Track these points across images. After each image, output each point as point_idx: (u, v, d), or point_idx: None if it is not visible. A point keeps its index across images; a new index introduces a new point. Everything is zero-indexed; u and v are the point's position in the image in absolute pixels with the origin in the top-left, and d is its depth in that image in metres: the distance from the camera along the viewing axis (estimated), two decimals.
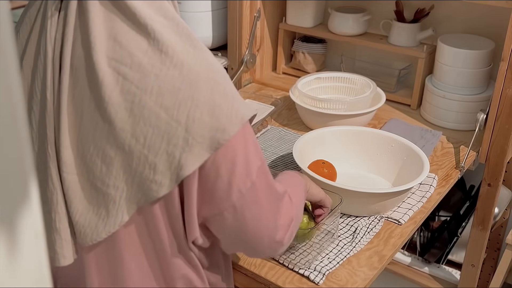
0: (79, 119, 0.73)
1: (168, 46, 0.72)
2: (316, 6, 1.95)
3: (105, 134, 0.72)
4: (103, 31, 0.71)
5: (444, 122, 1.68)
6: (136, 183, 0.73)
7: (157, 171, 0.72)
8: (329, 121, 1.57)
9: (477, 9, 1.70)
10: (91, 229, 0.75)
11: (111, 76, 0.70)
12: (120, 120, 0.71)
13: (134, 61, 0.71)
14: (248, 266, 1.15)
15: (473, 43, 1.65)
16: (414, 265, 1.89)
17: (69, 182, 0.74)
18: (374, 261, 1.16)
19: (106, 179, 0.73)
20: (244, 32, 1.88)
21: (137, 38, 0.71)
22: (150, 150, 0.71)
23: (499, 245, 1.91)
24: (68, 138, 0.74)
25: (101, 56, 0.70)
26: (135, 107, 0.70)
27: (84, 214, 0.75)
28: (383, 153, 1.43)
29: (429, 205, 1.35)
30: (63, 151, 0.74)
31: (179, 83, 0.71)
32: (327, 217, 1.16)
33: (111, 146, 0.72)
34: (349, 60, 1.97)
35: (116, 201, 0.74)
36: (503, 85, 1.42)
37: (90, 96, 0.72)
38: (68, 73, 0.72)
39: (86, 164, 0.74)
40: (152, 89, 0.70)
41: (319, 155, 1.42)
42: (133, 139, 0.71)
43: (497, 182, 1.53)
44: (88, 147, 0.73)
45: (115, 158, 0.72)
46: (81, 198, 0.75)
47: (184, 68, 0.72)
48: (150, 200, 0.74)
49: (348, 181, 1.28)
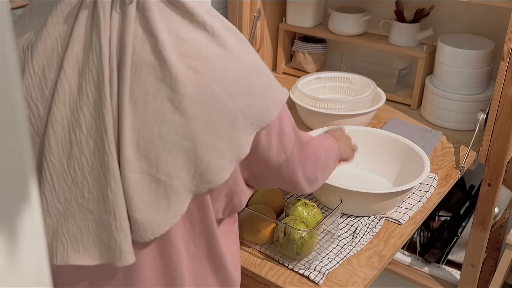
0: (141, 115, 0.74)
1: (226, 41, 0.77)
2: (316, 6, 1.95)
3: (174, 126, 0.74)
4: (164, 28, 0.74)
5: (444, 122, 1.68)
6: (200, 172, 0.77)
7: (222, 155, 0.77)
8: (329, 121, 1.57)
9: (477, 9, 1.70)
10: (152, 224, 0.77)
11: (183, 70, 0.74)
12: (193, 111, 0.74)
13: (202, 55, 0.75)
14: (248, 266, 1.15)
15: (473, 43, 1.65)
16: (414, 265, 1.89)
17: (130, 180, 0.75)
18: (374, 261, 1.16)
19: (171, 171, 0.76)
20: (244, 32, 1.88)
21: (198, 35, 0.76)
22: (218, 136, 0.76)
23: (499, 245, 1.91)
24: (130, 136, 0.75)
25: (170, 51, 0.73)
26: (207, 98, 0.75)
27: (144, 210, 0.76)
28: (384, 153, 1.43)
29: (429, 205, 1.35)
30: (125, 149, 0.74)
31: (240, 74, 0.78)
32: (327, 217, 1.16)
33: (180, 137, 0.75)
34: (349, 60, 1.97)
35: (178, 192, 0.77)
36: (503, 85, 1.42)
37: (156, 91, 0.74)
38: (128, 70, 0.73)
39: (149, 159, 0.75)
40: (221, 80, 0.76)
41: None
42: (205, 127, 0.75)
43: (497, 182, 1.53)
44: (153, 142, 0.75)
45: (183, 149, 0.75)
46: (142, 195, 0.76)
47: (240, 59, 0.78)
48: (215, 186, 0.78)
49: (348, 181, 1.28)
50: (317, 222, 1.17)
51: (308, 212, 1.18)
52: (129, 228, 0.77)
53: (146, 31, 0.74)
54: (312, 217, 1.17)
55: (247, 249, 1.19)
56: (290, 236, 1.11)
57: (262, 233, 1.17)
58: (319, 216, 1.19)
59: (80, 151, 0.74)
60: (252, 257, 1.17)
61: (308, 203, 1.20)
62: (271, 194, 1.26)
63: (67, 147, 0.74)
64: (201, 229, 0.84)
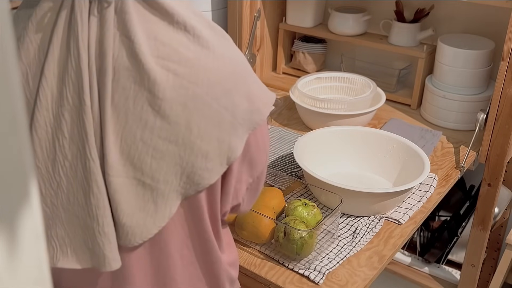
0: (123, 120, 0.74)
1: (209, 41, 0.76)
2: (316, 6, 1.95)
3: (156, 130, 0.74)
4: (142, 31, 0.73)
5: (444, 122, 1.68)
6: (186, 174, 0.76)
7: (209, 158, 0.76)
8: (329, 121, 1.57)
9: (477, 9, 1.70)
10: (140, 228, 0.77)
11: (161, 74, 0.73)
12: (174, 114, 0.73)
13: (181, 57, 0.74)
14: (248, 266, 1.15)
15: (473, 43, 1.65)
16: (414, 265, 1.89)
17: (115, 185, 0.75)
18: (374, 261, 1.16)
19: (156, 175, 0.75)
20: (244, 32, 1.88)
21: (177, 36, 0.74)
22: (203, 139, 0.75)
23: (499, 245, 1.91)
24: (112, 141, 0.74)
25: (148, 55, 0.72)
26: (189, 101, 0.74)
27: (131, 214, 0.76)
28: (384, 153, 1.43)
29: (429, 205, 1.35)
30: (109, 154, 0.74)
31: (224, 74, 0.77)
32: (327, 217, 1.16)
33: (163, 141, 0.74)
34: (349, 60, 1.97)
35: (165, 195, 0.76)
36: (503, 85, 1.42)
37: (136, 96, 0.73)
38: (108, 75, 0.72)
39: (134, 164, 0.75)
40: (203, 81, 0.75)
41: (319, 155, 1.42)
42: (188, 130, 0.74)
43: (497, 182, 1.53)
44: (136, 147, 0.74)
45: (167, 153, 0.75)
46: (128, 200, 0.76)
47: (225, 59, 0.77)
48: (202, 188, 0.77)
49: (348, 181, 1.28)
50: (317, 222, 1.17)
51: (308, 212, 1.18)
52: (113, 233, 0.76)
53: (123, 34, 0.72)
54: (312, 217, 1.17)
55: (247, 249, 1.19)
56: (290, 236, 1.11)
57: (262, 233, 1.17)
58: (319, 216, 1.19)
59: (64, 156, 0.74)
60: (252, 257, 1.17)
61: (308, 203, 1.20)
62: (271, 194, 1.26)
63: (51, 152, 0.74)
64: (194, 232, 0.83)
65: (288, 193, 1.35)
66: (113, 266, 0.77)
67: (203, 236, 0.84)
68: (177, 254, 0.83)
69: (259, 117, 0.80)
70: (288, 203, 1.23)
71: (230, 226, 1.22)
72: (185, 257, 0.84)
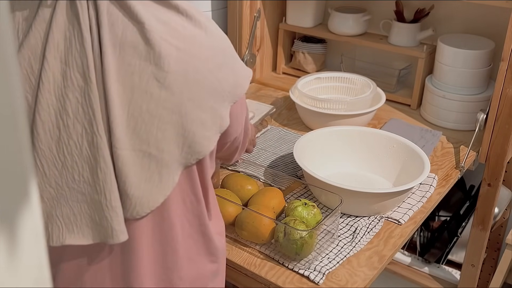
0: (128, 94, 0.78)
1: (200, 20, 0.83)
2: (316, 6, 1.95)
3: (161, 102, 0.78)
4: (145, 12, 0.78)
5: (444, 122, 1.68)
6: (188, 144, 0.81)
7: (207, 127, 0.82)
8: (329, 121, 1.57)
9: (477, 9, 1.70)
10: (147, 198, 0.81)
11: (167, 48, 0.78)
12: (178, 86, 0.79)
13: (180, 35, 0.80)
14: (248, 266, 1.15)
15: (473, 43, 1.65)
16: (414, 265, 1.89)
17: (123, 157, 0.78)
18: (374, 261, 1.16)
19: (161, 145, 0.80)
20: (244, 32, 1.88)
21: (174, 17, 0.81)
22: (202, 108, 0.81)
23: (499, 245, 1.91)
24: (119, 115, 0.78)
25: (154, 32, 0.78)
26: (190, 73, 0.80)
27: (138, 185, 0.80)
28: (384, 153, 1.43)
29: (429, 205, 1.35)
30: (115, 128, 0.77)
31: (215, 50, 0.84)
32: (327, 217, 1.16)
33: (168, 112, 0.79)
34: (349, 60, 1.97)
35: (169, 165, 0.81)
36: (503, 85, 1.42)
37: (142, 70, 0.78)
38: (111, 53, 0.77)
39: (140, 135, 0.79)
40: (201, 56, 0.81)
41: (319, 155, 1.42)
42: (190, 101, 0.80)
43: (497, 182, 1.53)
44: (143, 119, 0.78)
45: (171, 123, 0.80)
46: (135, 171, 0.79)
47: (215, 36, 0.85)
48: (202, 156, 0.83)
49: (348, 181, 1.28)
50: (317, 222, 1.17)
51: (308, 212, 1.18)
52: (120, 206, 0.80)
53: (127, 16, 0.78)
54: (312, 217, 1.17)
55: (247, 249, 1.19)
56: (290, 236, 1.11)
57: (262, 233, 1.17)
58: (319, 216, 1.19)
59: (68, 135, 0.77)
60: (252, 257, 1.17)
61: (308, 203, 1.20)
62: (271, 194, 1.26)
63: (55, 133, 0.77)
64: (192, 203, 0.88)
65: (288, 193, 1.35)
66: (121, 238, 0.80)
67: (197, 206, 0.89)
68: (179, 225, 0.88)
69: (240, 90, 0.87)
70: (288, 203, 1.23)
71: (230, 226, 1.22)
72: (185, 228, 0.89)
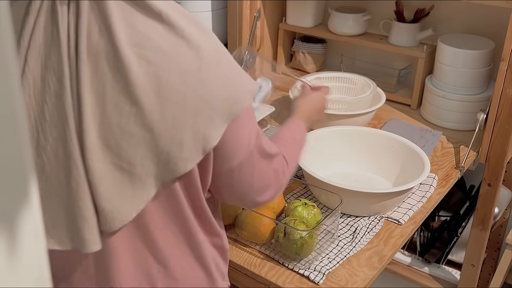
0: (101, 105, 0.75)
1: (183, 29, 0.77)
2: (316, 6, 1.95)
3: (132, 117, 0.75)
4: (120, 20, 0.75)
5: (444, 122, 1.68)
6: (162, 161, 0.77)
7: (184, 147, 0.77)
8: (329, 121, 1.57)
9: (477, 9, 1.70)
10: (119, 212, 0.78)
11: (136, 61, 0.74)
12: (148, 102, 0.74)
13: (154, 46, 0.75)
14: (248, 266, 1.15)
15: (473, 43, 1.65)
16: (414, 265, 1.89)
17: (95, 169, 0.76)
18: (374, 261, 1.16)
19: (133, 160, 0.77)
20: (244, 32, 1.88)
21: (153, 25, 0.76)
22: (178, 128, 0.76)
23: (499, 245, 1.91)
24: (91, 126, 0.76)
25: (124, 42, 0.74)
26: (162, 89, 0.74)
27: (110, 199, 0.77)
28: (384, 153, 1.43)
29: (429, 205, 1.35)
30: (87, 139, 0.75)
31: (199, 63, 0.77)
32: (327, 217, 1.16)
33: (139, 128, 0.75)
34: (349, 60, 1.97)
35: (142, 179, 0.78)
36: (503, 85, 1.42)
37: (113, 82, 0.75)
38: (86, 62, 0.74)
39: (111, 149, 0.76)
40: (176, 70, 0.75)
41: (319, 155, 1.42)
42: (162, 119, 0.75)
43: (497, 182, 1.53)
44: (113, 132, 0.76)
45: (143, 140, 0.76)
46: (107, 184, 0.77)
47: (201, 48, 0.77)
48: (177, 176, 0.79)
49: (348, 181, 1.28)
50: (317, 222, 1.17)
51: (308, 212, 1.18)
52: (93, 217, 0.78)
53: (102, 22, 0.74)
54: (312, 217, 1.17)
55: (247, 249, 1.19)
56: (290, 236, 1.11)
57: (262, 233, 1.17)
58: (319, 216, 1.19)
59: (46, 140, 0.76)
60: (252, 257, 1.17)
61: (308, 203, 1.20)
62: None
63: (34, 137, 0.76)
64: (175, 217, 0.85)
65: (288, 193, 1.35)
66: (92, 248, 0.78)
67: (183, 221, 0.86)
68: (161, 238, 0.85)
69: (238, 107, 0.79)
70: (288, 203, 1.23)
71: (230, 226, 1.22)
72: (170, 240, 0.87)
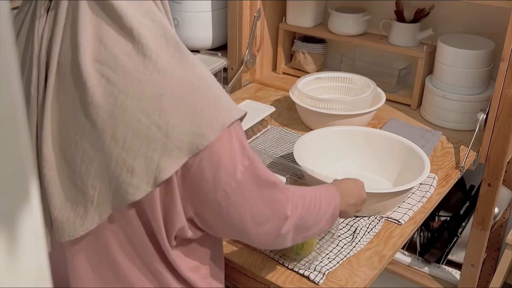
0: (63, 116, 0.75)
1: (152, 50, 0.73)
2: (316, 6, 1.95)
3: (86, 134, 0.73)
4: (90, 32, 0.72)
5: (444, 122, 1.68)
6: (113, 186, 0.74)
7: (135, 174, 0.73)
8: (329, 121, 1.57)
9: (477, 9, 1.70)
10: (69, 226, 0.77)
11: (94, 77, 0.71)
12: (101, 121, 0.72)
13: (118, 65, 0.72)
14: (248, 266, 1.15)
15: (473, 43, 1.65)
16: (414, 265, 1.89)
17: (49, 178, 0.75)
18: (374, 261, 1.16)
19: (85, 178, 0.75)
20: (244, 32, 1.88)
21: (122, 41, 0.72)
22: (129, 153, 0.72)
23: (499, 245, 1.91)
24: (50, 135, 0.75)
25: (86, 57, 0.71)
26: (116, 110, 0.72)
27: (63, 210, 0.76)
28: (384, 153, 1.43)
29: (429, 205, 1.35)
30: (44, 147, 0.75)
31: (162, 89, 0.72)
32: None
33: (91, 147, 0.73)
34: (349, 60, 1.97)
35: (94, 201, 0.75)
36: (503, 85, 1.42)
37: (73, 95, 0.73)
38: (55, 71, 0.74)
39: (67, 161, 0.75)
40: (134, 93, 0.72)
41: (319, 155, 1.42)
42: (113, 141, 0.72)
43: (497, 182, 1.53)
44: (69, 145, 0.75)
45: (94, 159, 0.74)
46: (61, 195, 0.76)
47: (168, 73, 0.73)
48: (126, 203, 0.75)
49: None
50: None
51: None
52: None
53: (72, 33, 0.73)
54: None
55: (247, 249, 1.19)
56: None
57: None
58: None
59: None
60: (252, 257, 1.17)
61: None
62: None
63: None
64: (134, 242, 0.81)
65: None
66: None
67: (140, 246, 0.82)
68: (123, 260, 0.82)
69: (200, 141, 0.73)
70: None
71: None
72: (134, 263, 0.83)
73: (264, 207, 0.84)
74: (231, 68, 1.95)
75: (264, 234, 0.85)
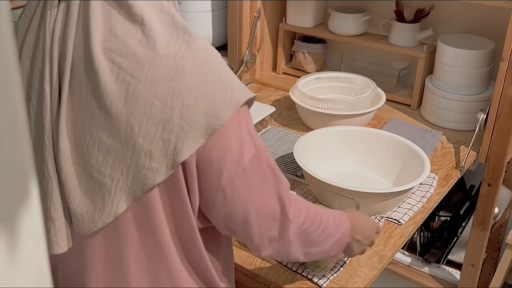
0: (77, 109, 0.74)
1: (162, 36, 0.73)
2: (316, 6, 1.95)
3: (101, 124, 0.73)
4: (101, 23, 0.73)
5: (444, 122, 1.68)
6: (132, 173, 0.74)
7: (153, 158, 0.73)
8: (329, 121, 1.57)
9: (477, 9, 1.70)
10: (89, 219, 0.77)
11: (106, 65, 0.72)
12: (115, 109, 0.72)
13: (129, 51, 0.72)
14: (248, 266, 1.15)
15: (473, 43, 1.65)
16: (414, 265, 1.89)
17: (66, 171, 0.75)
18: (374, 261, 1.16)
19: (102, 169, 0.74)
20: (244, 32, 1.88)
21: (131, 28, 0.73)
22: (145, 138, 0.72)
23: (499, 245, 1.91)
24: (65, 128, 0.75)
25: (97, 46, 0.72)
26: (129, 96, 0.72)
27: (82, 203, 0.76)
28: (384, 153, 1.43)
29: (429, 205, 1.35)
30: (61, 140, 0.75)
31: (173, 72, 0.72)
32: None
33: (107, 136, 0.73)
34: (349, 60, 1.97)
35: (112, 192, 0.75)
36: (503, 85, 1.42)
37: (86, 86, 0.73)
38: (68, 63, 0.74)
39: (83, 154, 0.75)
40: (146, 78, 0.72)
41: (319, 155, 1.42)
42: (128, 127, 0.72)
43: (497, 182, 1.53)
44: (85, 137, 0.74)
45: (111, 148, 0.74)
46: (78, 188, 0.76)
47: (178, 56, 0.73)
48: (147, 189, 0.74)
49: (348, 181, 1.28)
50: None
51: None
52: (61, 218, 0.77)
53: (84, 24, 0.73)
54: None
55: (247, 249, 1.19)
56: None
57: None
58: None
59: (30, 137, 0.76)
60: (252, 257, 1.17)
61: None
62: None
63: None
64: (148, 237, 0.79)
65: None
66: (55, 251, 0.77)
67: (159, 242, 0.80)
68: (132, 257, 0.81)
69: (216, 122, 0.73)
70: None
71: None
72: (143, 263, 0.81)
73: (270, 201, 0.81)
74: (231, 68, 1.94)
75: (267, 232, 0.83)
